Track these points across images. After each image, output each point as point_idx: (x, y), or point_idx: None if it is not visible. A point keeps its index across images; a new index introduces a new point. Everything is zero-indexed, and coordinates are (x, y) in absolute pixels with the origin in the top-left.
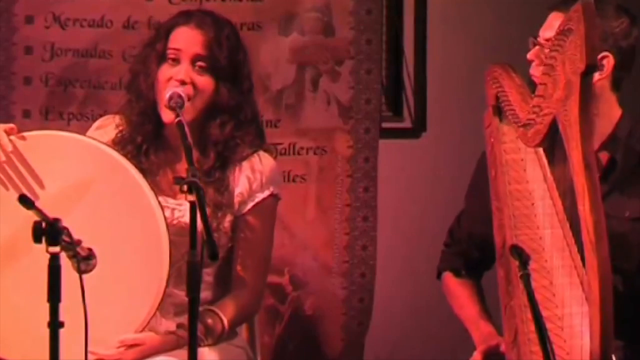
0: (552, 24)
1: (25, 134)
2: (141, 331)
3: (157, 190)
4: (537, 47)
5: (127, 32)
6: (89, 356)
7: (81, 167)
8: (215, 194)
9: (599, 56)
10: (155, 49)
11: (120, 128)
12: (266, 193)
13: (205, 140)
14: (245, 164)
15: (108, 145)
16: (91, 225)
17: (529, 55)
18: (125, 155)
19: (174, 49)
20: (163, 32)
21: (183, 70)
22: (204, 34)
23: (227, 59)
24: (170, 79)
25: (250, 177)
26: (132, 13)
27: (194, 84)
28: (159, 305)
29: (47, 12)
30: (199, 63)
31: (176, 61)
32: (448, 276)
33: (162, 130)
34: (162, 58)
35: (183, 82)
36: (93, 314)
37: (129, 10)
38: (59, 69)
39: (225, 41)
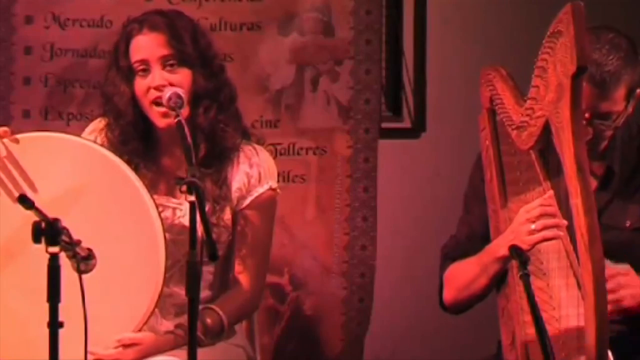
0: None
1: (19, 136)
2: (139, 331)
3: (155, 191)
4: None
5: None
6: (88, 356)
7: (76, 168)
8: (213, 187)
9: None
10: (120, 67)
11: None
12: (265, 187)
13: (194, 130)
14: (242, 158)
15: (103, 146)
16: (87, 226)
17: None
18: None
19: (139, 60)
20: (122, 48)
21: (157, 76)
22: (161, 35)
23: (192, 47)
24: (148, 89)
25: (249, 172)
26: (131, 13)
27: (171, 84)
28: (157, 304)
29: (47, 12)
30: (169, 63)
31: (146, 71)
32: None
33: (151, 140)
34: (130, 73)
35: (162, 87)
36: (91, 313)
37: (128, 10)
38: (58, 69)
39: (183, 31)
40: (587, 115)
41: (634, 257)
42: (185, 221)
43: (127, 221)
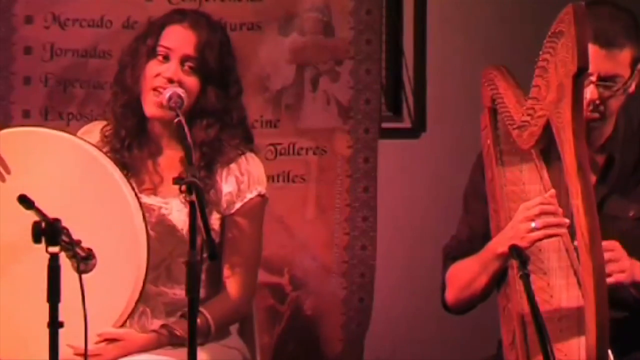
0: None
1: (2, 131)
2: (120, 326)
3: (141, 185)
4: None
5: (126, 32)
6: (67, 350)
7: (58, 162)
8: None
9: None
10: (146, 44)
11: (108, 127)
12: (254, 193)
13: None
14: (233, 165)
15: (86, 142)
16: (68, 221)
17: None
18: (109, 149)
19: (165, 47)
20: (156, 27)
21: (172, 68)
22: (196, 35)
23: (217, 62)
24: (157, 75)
25: (239, 178)
26: (131, 13)
27: (181, 83)
28: (139, 301)
29: (47, 12)
30: (188, 63)
31: (166, 59)
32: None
33: (145, 124)
34: (151, 53)
35: (171, 80)
36: (72, 309)
37: (128, 10)
38: (58, 69)
39: (216, 44)
40: (592, 78)
41: (638, 246)
42: (172, 219)
43: (109, 218)
